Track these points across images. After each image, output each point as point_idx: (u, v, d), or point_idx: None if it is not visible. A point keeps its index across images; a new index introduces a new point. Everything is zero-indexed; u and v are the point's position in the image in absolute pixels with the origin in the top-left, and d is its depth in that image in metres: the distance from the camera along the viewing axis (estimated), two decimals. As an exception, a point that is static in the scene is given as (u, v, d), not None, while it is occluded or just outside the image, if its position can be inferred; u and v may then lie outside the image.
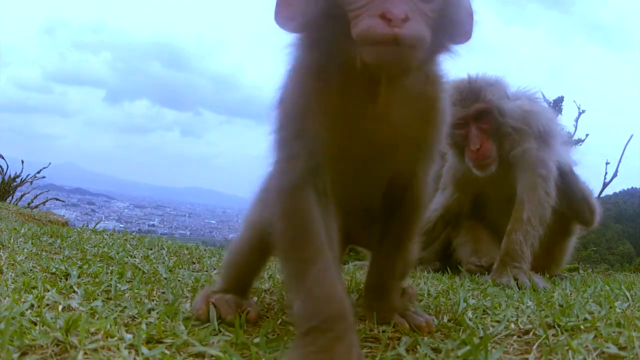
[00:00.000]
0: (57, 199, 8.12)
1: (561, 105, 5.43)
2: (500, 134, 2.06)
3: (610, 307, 1.07)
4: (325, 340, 0.68)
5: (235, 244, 1.08)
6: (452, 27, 0.82)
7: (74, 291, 1.08)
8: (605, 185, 5.51)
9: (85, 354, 0.70)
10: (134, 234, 2.90)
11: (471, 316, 1.02)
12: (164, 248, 2.12)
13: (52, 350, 0.71)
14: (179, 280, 1.35)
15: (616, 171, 5.47)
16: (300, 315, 0.73)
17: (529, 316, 1.00)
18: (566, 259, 2.38)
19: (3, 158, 6.58)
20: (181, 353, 0.74)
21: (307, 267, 0.75)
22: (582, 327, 0.91)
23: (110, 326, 0.81)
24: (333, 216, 0.84)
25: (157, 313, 0.94)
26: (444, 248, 2.47)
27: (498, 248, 2.05)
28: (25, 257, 1.48)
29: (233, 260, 1.07)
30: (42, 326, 0.79)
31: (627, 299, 1.26)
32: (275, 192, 0.84)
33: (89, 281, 1.22)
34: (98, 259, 1.60)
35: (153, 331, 0.82)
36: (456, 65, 0.90)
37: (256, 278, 1.10)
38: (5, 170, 6.62)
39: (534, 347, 0.80)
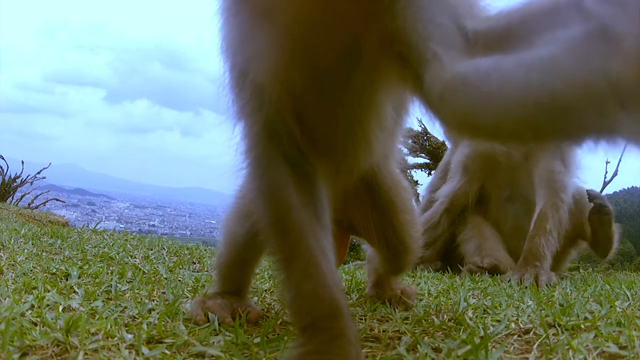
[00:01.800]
0: (57, 200, 8.13)
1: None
2: None
3: (611, 306, 1.07)
4: (321, 339, 0.65)
5: (223, 242, 1.02)
6: None
7: (75, 291, 1.08)
8: (605, 184, 5.53)
9: (86, 354, 0.70)
10: (134, 234, 2.89)
11: (471, 315, 1.02)
12: (164, 248, 2.13)
13: (53, 351, 0.71)
14: (179, 280, 1.35)
15: (616, 170, 5.49)
16: (293, 313, 0.71)
17: (529, 315, 1.00)
18: (568, 259, 2.45)
19: (3, 158, 6.59)
20: (182, 353, 0.74)
21: (291, 259, 0.70)
22: (582, 326, 0.91)
23: (111, 326, 0.81)
24: (318, 191, 0.75)
25: (158, 313, 0.94)
26: (446, 247, 2.48)
27: (502, 248, 2.17)
28: (26, 258, 1.48)
29: (224, 260, 1.02)
30: (43, 326, 0.79)
31: (628, 298, 1.26)
32: (245, 174, 0.75)
33: (89, 281, 1.22)
34: (98, 260, 1.61)
35: (153, 331, 0.82)
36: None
37: (251, 275, 1.06)
38: (5, 171, 6.63)
39: (535, 346, 0.80)
